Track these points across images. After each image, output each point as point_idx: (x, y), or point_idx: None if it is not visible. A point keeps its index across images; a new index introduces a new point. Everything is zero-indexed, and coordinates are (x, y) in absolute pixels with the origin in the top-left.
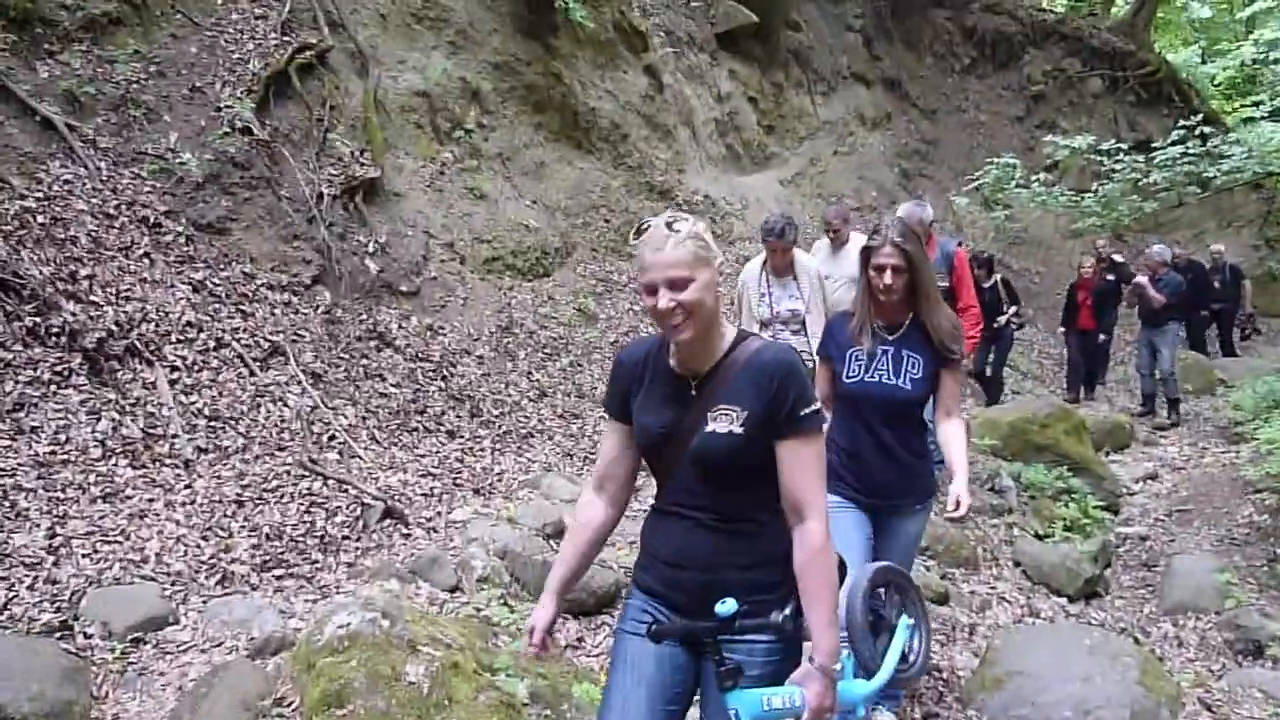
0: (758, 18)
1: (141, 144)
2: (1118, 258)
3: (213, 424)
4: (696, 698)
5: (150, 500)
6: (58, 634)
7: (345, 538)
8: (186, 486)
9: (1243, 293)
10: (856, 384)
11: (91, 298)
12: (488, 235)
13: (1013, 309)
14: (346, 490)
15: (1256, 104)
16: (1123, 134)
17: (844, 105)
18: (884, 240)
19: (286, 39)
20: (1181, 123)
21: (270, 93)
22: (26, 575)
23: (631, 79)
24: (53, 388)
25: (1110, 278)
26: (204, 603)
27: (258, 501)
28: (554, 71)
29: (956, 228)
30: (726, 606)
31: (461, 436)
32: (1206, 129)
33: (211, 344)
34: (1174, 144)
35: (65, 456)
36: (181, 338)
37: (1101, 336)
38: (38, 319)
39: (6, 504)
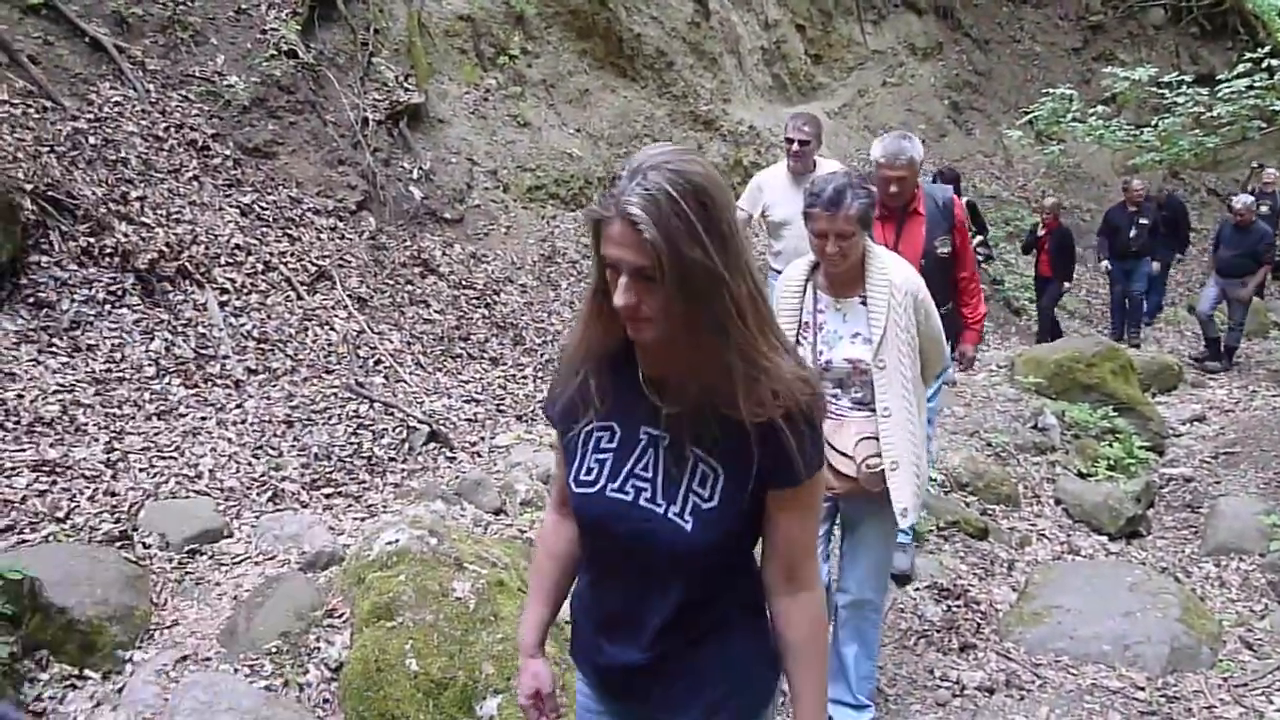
0: None
1: (189, 66)
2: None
3: (262, 346)
4: None
5: (203, 418)
6: (118, 543)
7: (392, 459)
8: (237, 406)
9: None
10: (591, 498)
11: (143, 219)
12: (531, 164)
13: (978, 238)
14: (392, 413)
15: None
16: (1184, 67)
17: (894, 34)
18: (613, 205)
19: None
20: (1248, 55)
21: (315, 15)
22: (87, 487)
23: (677, 4)
24: (107, 307)
25: (1064, 223)
26: (256, 518)
27: (306, 422)
28: None
29: (1007, 163)
30: None
31: (504, 364)
32: (1274, 61)
33: (260, 267)
34: (1239, 77)
35: (121, 374)
36: (230, 260)
37: (1066, 285)
38: (91, 239)
39: (66, 418)
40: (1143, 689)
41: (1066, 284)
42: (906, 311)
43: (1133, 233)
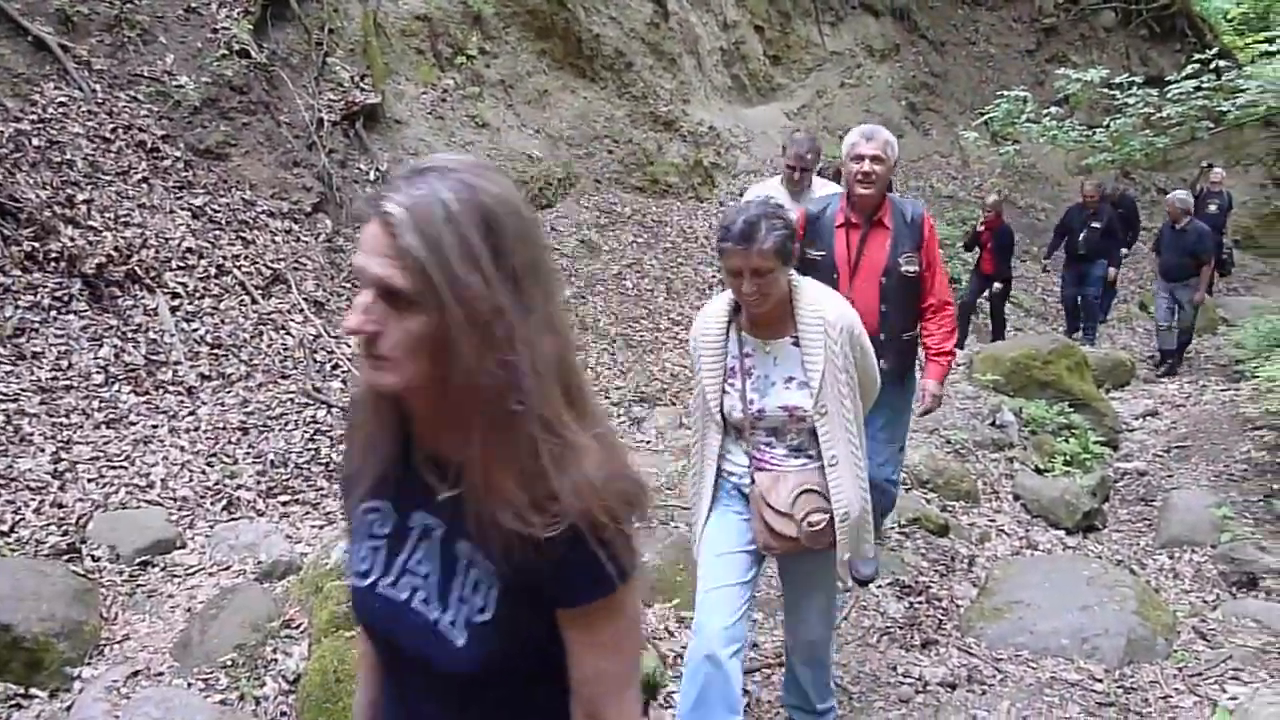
0: None
1: (137, 66)
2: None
3: (215, 351)
4: None
5: (154, 426)
6: (66, 557)
7: None
8: (190, 413)
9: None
10: (362, 593)
11: (90, 223)
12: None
13: None
14: None
15: (1270, 39)
16: (1134, 69)
17: (852, 35)
18: (372, 204)
19: None
20: (1196, 56)
21: (268, 14)
22: (33, 499)
23: (636, 5)
24: (53, 313)
25: (1006, 221)
26: (210, 528)
27: (262, 429)
28: None
29: (963, 163)
30: None
31: None
32: (1221, 63)
33: (212, 271)
34: (1188, 78)
35: (68, 382)
36: (182, 264)
37: (997, 285)
38: (36, 244)
39: (10, 429)
40: (1101, 681)
41: (998, 285)
42: (844, 350)
43: (1082, 235)
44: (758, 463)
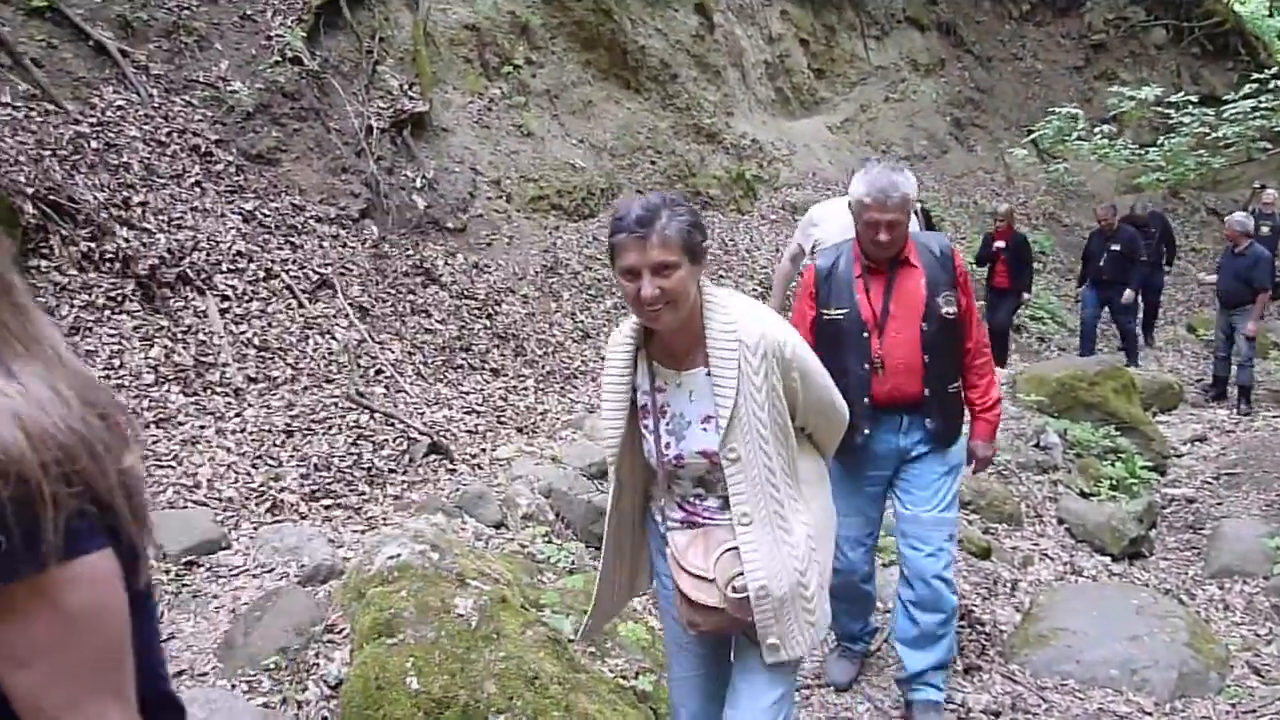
0: None
1: (193, 72)
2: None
3: (262, 354)
4: None
5: (202, 427)
6: None
7: (392, 471)
8: (237, 415)
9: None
10: None
11: (144, 224)
12: (534, 174)
13: None
14: (393, 424)
15: None
16: (1185, 87)
17: (897, 50)
18: None
19: None
20: (1254, 76)
21: (320, 22)
22: None
23: (682, 17)
24: (107, 313)
25: (1020, 230)
26: (255, 529)
27: (306, 432)
28: (604, 8)
29: (1008, 179)
30: None
31: (506, 375)
32: (1278, 82)
33: (261, 274)
34: (1246, 97)
35: (119, 381)
36: (232, 267)
37: (1026, 295)
38: (92, 244)
39: None
40: (1151, 714)
41: (1026, 295)
42: (768, 379)
43: (1103, 260)
44: (689, 517)
